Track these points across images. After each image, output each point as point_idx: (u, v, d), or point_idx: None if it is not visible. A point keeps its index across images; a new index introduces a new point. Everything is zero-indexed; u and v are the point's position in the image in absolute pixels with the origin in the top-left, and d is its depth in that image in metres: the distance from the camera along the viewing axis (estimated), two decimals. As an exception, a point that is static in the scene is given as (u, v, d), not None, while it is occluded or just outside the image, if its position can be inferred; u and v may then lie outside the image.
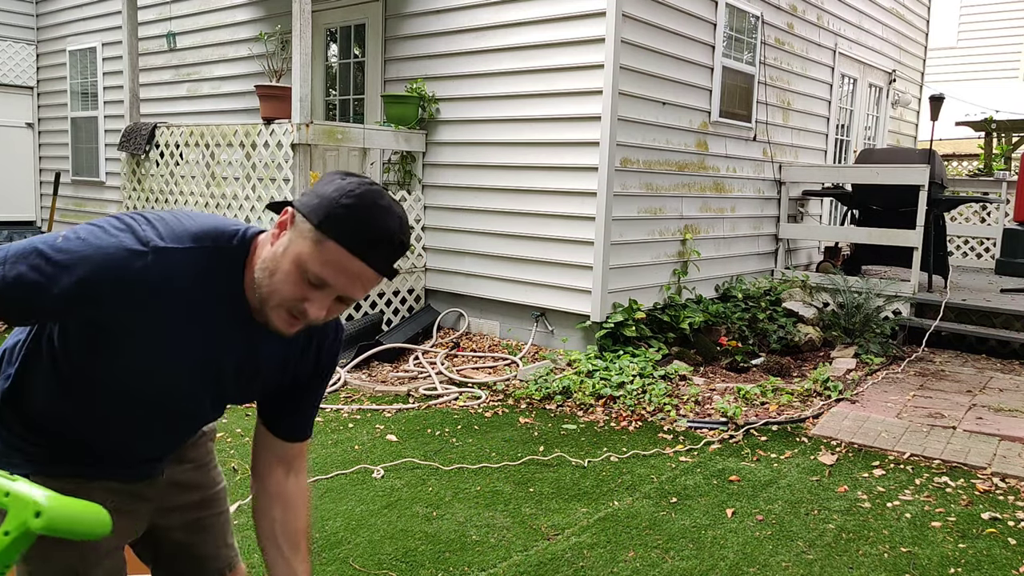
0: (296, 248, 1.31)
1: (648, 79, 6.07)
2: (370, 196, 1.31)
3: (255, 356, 1.48)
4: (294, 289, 1.33)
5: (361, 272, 1.32)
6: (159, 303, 1.32)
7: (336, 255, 1.30)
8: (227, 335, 1.43)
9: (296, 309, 1.35)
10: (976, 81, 15.07)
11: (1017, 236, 8.38)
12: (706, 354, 6.03)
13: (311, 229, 1.30)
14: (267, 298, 1.35)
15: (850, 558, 3.15)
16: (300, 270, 1.31)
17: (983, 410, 5.01)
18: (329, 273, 1.31)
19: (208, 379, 1.46)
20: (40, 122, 11.07)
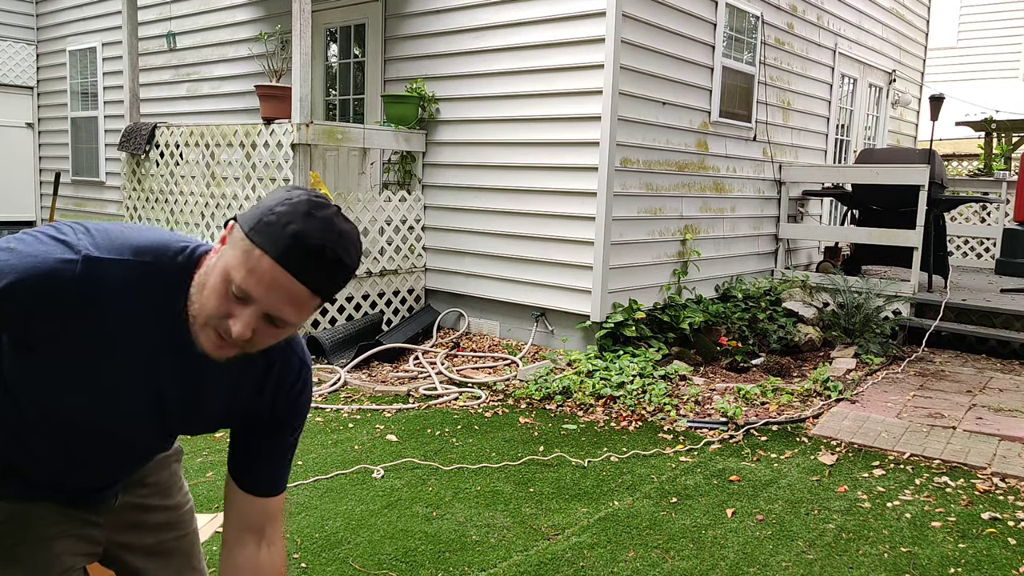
0: (225, 259, 1.20)
1: (648, 79, 6.07)
2: (307, 205, 1.19)
3: (198, 386, 1.35)
4: (219, 304, 1.20)
5: (291, 288, 1.17)
6: (88, 318, 1.21)
7: (261, 264, 1.16)
8: (165, 360, 1.30)
9: (221, 327, 1.20)
10: (976, 81, 15.07)
11: (1017, 236, 8.38)
12: (706, 354, 6.03)
13: (242, 237, 1.19)
14: (196, 315, 1.23)
15: (850, 558, 3.15)
16: (225, 282, 1.19)
17: (983, 410, 5.01)
18: (252, 285, 1.17)
19: (146, 407, 1.33)
20: (40, 122, 11.07)
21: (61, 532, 1.43)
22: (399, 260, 6.70)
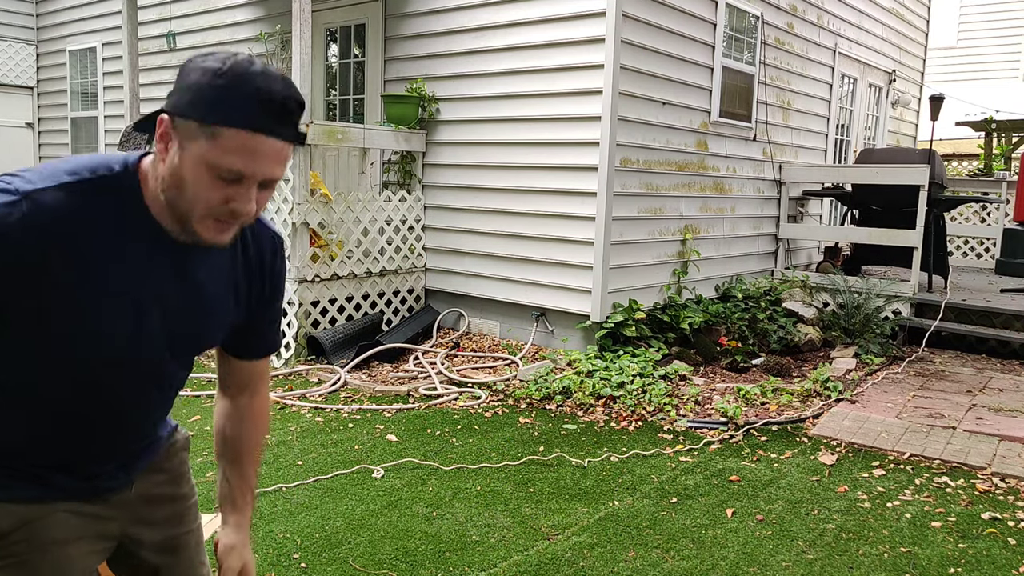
0: (193, 152, 1.18)
1: (648, 79, 6.07)
2: (240, 67, 1.18)
3: (195, 282, 1.35)
4: (212, 193, 1.20)
5: (270, 147, 1.19)
6: (55, 251, 1.18)
7: (237, 140, 1.17)
8: (152, 266, 1.28)
9: (223, 213, 1.22)
10: (976, 81, 15.07)
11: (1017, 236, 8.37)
12: (706, 354, 6.03)
13: (198, 126, 1.17)
14: (188, 214, 1.22)
15: (850, 558, 3.15)
16: (211, 171, 1.18)
17: (983, 410, 5.01)
18: (240, 161, 1.18)
19: (152, 320, 1.31)
20: (40, 122, 11.07)
21: (76, 535, 1.42)
22: (399, 260, 6.70)
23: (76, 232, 1.19)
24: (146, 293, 1.29)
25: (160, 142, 1.22)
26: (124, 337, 1.29)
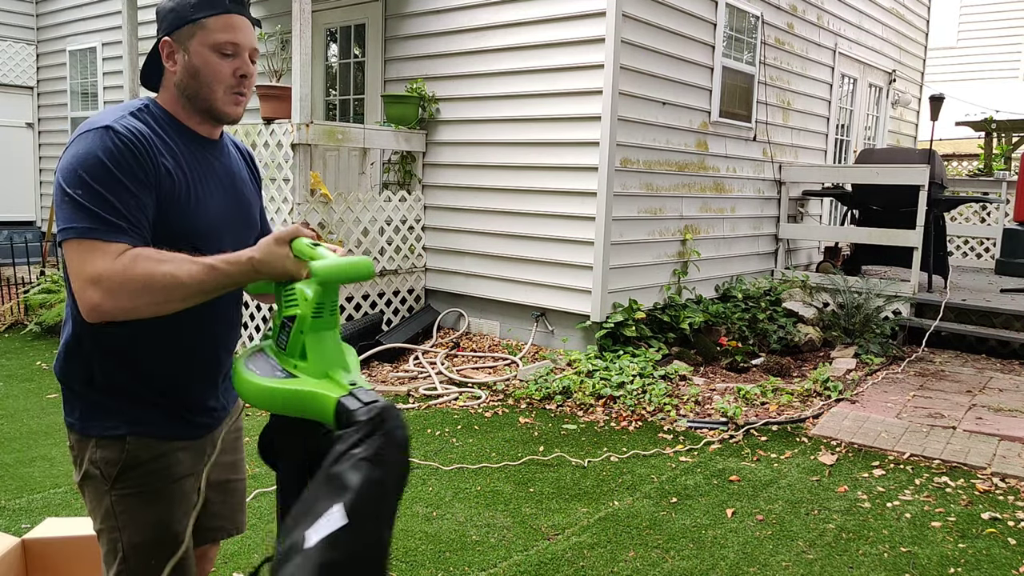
0: (196, 48, 1.59)
1: (648, 79, 6.07)
2: None
3: (231, 164, 1.76)
4: (221, 69, 1.60)
5: (242, 22, 1.62)
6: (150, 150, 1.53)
7: (219, 22, 1.59)
8: (200, 158, 1.65)
9: (234, 83, 1.62)
10: (976, 81, 15.07)
11: (1017, 236, 8.38)
12: (706, 354, 6.03)
13: (190, 27, 1.59)
14: (211, 97, 1.62)
15: (850, 558, 3.15)
16: (214, 52, 1.59)
17: (983, 410, 5.01)
18: (228, 35, 1.59)
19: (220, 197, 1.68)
20: (40, 122, 11.06)
21: (189, 471, 1.69)
22: (399, 260, 6.70)
23: (151, 139, 1.55)
24: (212, 178, 1.67)
25: (168, 60, 1.62)
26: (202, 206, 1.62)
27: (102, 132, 1.49)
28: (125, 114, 1.57)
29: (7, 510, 3.46)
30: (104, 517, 1.62)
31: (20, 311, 7.31)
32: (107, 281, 1.40)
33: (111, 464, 1.61)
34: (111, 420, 1.61)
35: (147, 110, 1.62)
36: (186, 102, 1.63)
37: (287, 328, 1.47)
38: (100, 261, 1.40)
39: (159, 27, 1.63)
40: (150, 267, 1.41)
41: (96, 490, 1.62)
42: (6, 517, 3.38)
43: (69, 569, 2.50)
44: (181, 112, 1.64)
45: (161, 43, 1.62)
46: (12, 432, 4.46)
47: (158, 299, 1.43)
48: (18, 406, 4.94)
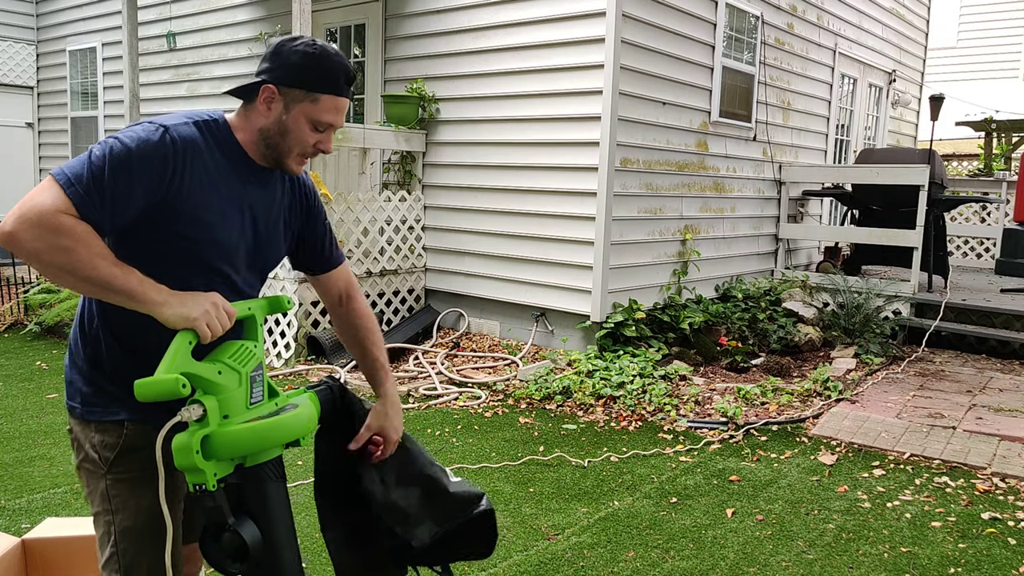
0: (298, 111, 1.67)
1: (648, 79, 6.07)
2: (325, 48, 1.68)
3: (270, 195, 1.79)
4: (307, 139, 1.69)
5: (345, 104, 1.72)
6: (186, 163, 1.59)
7: (332, 103, 1.68)
8: (244, 181, 1.72)
9: (310, 152, 1.72)
10: (976, 81, 15.07)
11: (1017, 236, 8.38)
12: (706, 354, 6.03)
13: (303, 93, 1.66)
14: (285, 153, 1.71)
15: (850, 558, 3.15)
16: (311, 124, 1.68)
17: (983, 410, 5.01)
18: (332, 117, 1.70)
19: (248, 219, 1.73)
20: (40, 122, 11.07)
21: None
22: (399, 260, 6.70)
23: (198, 151, 1.62)
24: (244, 199, 1.71)
25: (264, 104, 1.68)
26: (224, 225, 1.67)
27: (155, 128, 1.58)
28: (189, 121, 1.65)
29: (7, 510, 3.46)
30: (100, 500, 1.69)
31: (20, 311, 7.31)
32: (35, 221, 1.42)
33: (109, 448, 1.67)
34: (112, 405, 1.67)
35: (213, 125, 1.68)
36: (262, 146, 1.71)
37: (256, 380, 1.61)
38: (47, 203, 1.43)
39: (272, 67, 1.67)
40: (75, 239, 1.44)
41: (93, 474, 1.70)
42: (6, 517, 3.38)
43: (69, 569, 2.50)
44: (251, 146, 1.72)
45: (264, 87, 1.66)
46: (12, 432, 4.46)
47: (63, 264, 1.44)
48: (18, 406, 4.94)
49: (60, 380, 5.51)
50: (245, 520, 1.51)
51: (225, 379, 1.52)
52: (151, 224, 1.58)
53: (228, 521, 1.49)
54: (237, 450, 1.50)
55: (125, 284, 1.47)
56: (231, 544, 1.49)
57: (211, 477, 1.47)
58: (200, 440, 1.45)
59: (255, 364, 1.59)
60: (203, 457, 1.45)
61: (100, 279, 1.46)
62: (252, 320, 1.66)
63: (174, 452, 1.46)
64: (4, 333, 6.95)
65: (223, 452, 1.48)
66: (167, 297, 1.50)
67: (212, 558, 1.52)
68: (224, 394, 1.51)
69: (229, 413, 1.52)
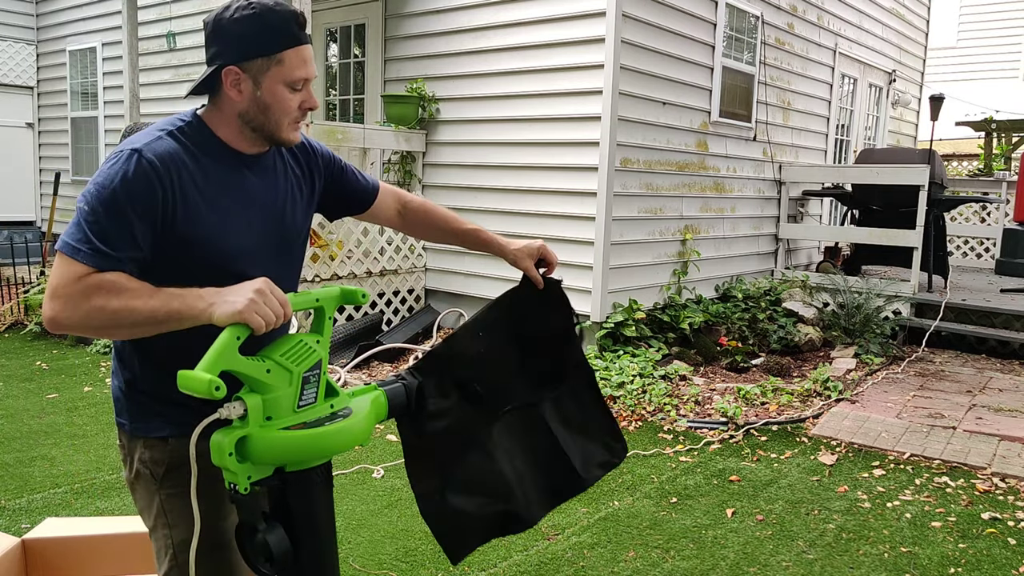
0: (269, 80, 1.56)
1: (648, 79, 6.07)
2: (261, 3, 1.56)
3: (270, 178, 1.72)
4: (290, 104, 1.60)
5: (309, 52, 1.62)
6: (173, 181, 1.52)
7: (296, 56, 1.58)
8: (240, 177, 1.65)
9: (299, 115, 1.63)
10: (976, 81, 15.07)
11: (1017, 236, 8.37)
12: (706, 354, 6.03)
13: (264, 60, 1.55)
14: (276, 127, 1.61)
15: (850, 558, 3.15)
16: (287, 88, 1.58)
17: (983, 410, 5.01)
18: (303, 71, 1.59)
19: (255, 215, 1.66)
20: (40, 122, 11.07)
21: None
22: (399, 260, 6.70)
23: (181, 163, 1.54)
24: (244, 193, 1.64)
25: (232, 89, 1.57)
26: (236, 224, 1.62)
27: (127, 156, 1.51)
28: (162, 134, 1.57)
29: (7, 510, 3.46)
30: (156, 515, 1.68)
31: (20, 311, 7.31)
32: (64, 297, 1.43)
33: (158, 464, 1.66)
34: (155, 421, 1.66)
35: (188, 129, 1.60)
36: (248, 131, 1.62)
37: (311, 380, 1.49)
38: (67, 277, 1.44)
39: (219, 49, 1.56)
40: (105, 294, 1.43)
41: (146, 489, 1.68)
42: (6, 517, 3.38)
43: (69, 569, 2.50)
44: (232, 135, 1.63)
45: (225, 71, 1.56)
46: (12, 432, 4.46)
47: (106, 322, 1.44)
48: (18, 406, 4.94)
49: (60, 380, 5.51)
50: (275, 527, 1.44)
51: (274, 378, 1.42)
52: (165, 249, 1.54)
53: (260, 525, 1.44)
54: (273, 457, 1.43)
55: (168, 310, 1.43)
56: (260, 547, 1.44)
57: (243, 480, 1.40)
58: (235, 441, 1.38)
59: (312, 363, 1.47)
60: (238, 459, 1.39)
61: (144, 319, 1.43)
62: (320, 313, 1.55)
63: (210, 448, 1.39)
64: (4, 333, 6.95)
65: (258, 457, 1.41)
66: (211, 298, 1.43)
67: (245, 554, 1.48)
68: (271, 394, 1.42)
69: (273, 415, 1.42)
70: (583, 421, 1.97)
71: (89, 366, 5.89)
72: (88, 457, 4.09)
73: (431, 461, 1.77)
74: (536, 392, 1.91)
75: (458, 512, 1.78)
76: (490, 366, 1.83)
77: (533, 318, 1.93)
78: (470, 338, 1.82)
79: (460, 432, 1.77)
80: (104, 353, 6.21)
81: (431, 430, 1.73)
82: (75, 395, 5.18)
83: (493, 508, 1.80)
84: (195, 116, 1.63)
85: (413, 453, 1.76)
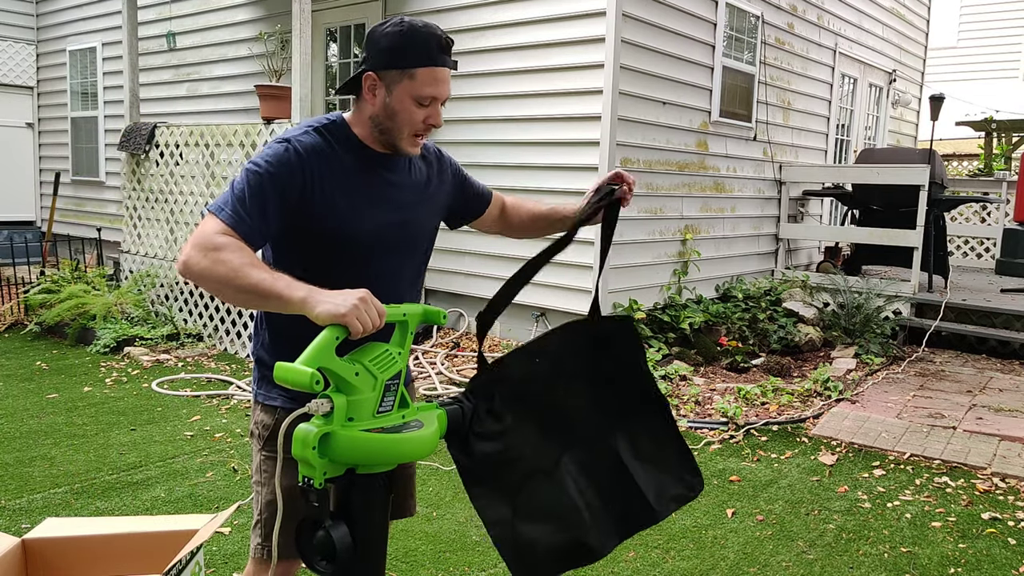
0: (400, 91, 1.72)
1: (648, 79, 6.07)
2: (411, 23, 1.72)
3: (403, 179, 1.87)
4: (415, 117, 1.74)
5: (444, 74, 1.74)
6: (316, 169, 1.71)
7: (429, 75, 1.71)
8: (372, 174, 1.81)
9: (421, 129, 1.76)
10: (976, 81, 15.07)
11: (1017, 236, 8.38)
12: (706, 354, 6.03)
13: (399, 72, 1.71)
14: (398, 135, 1.76)
15: (850, 558, 3.15)
16: (414, 101, 1.72)
17: (983, 410, 5.01)
18: (432, 90, 1.72)
19: (386, 209, 1.82)
20: (40, 122, 11.07)
21: None
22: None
23: (322, 155, 1.73)
24: (378, 190, 1.80)
25: (369, 93, 1.75)
26: (362, 219, 1.77)
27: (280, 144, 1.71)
28: (309, 129, 1.76)
29: (7, 510, 3.46)
30: (256, 470, 1.90)
31: (20, 311, 7.31)
32: (199, 245, 1.59)
33: (265, 427, 1.86)
34: (273, 391, 1.85)
35: (332, 127, 1.78)
36: (376, 132, 1.78)
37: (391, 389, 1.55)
38: (207, 228, 1.62)
39: (367, 56, 1.74)
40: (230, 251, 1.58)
41: (255, 447, 1.91)
42: (6, 517, 3.38)
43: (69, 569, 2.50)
44: (368, 136, 1.80)
45: (365, 76, 1.73)
46: (12, 432, 4.46)
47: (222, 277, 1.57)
48: (18, 406, 4.94)
49: (60, 380, 5.51)
50: (340, 524, 1.48)
51: (361, 381, 1.48)
52: (296, 230, 1.73)
53: (325, 522, 1.47)
54: (352, 456, 1.47)
55: (272, 287, 1.54)
56: (322, 543, 1.47)
57: (320, 475, 1.44)
58: (319, 436, 1.43)
59: (394, 372, 1.55)
60: (318, 454, 1.43)
61: (250, 286, 1.55)
62: (404, 326, 1.64)
63: (293, 440, 1.44)
64: (4, 333, 6.95)
65: (337, 454, 1.45)
66: (315, 295, 1.52)
67: (303, 550, 1.52)
68: (356, 396, 1.48)
69: (355, 416, 1.48)
70: (657, 453, 1.95)
71: (89, 366, 5.89)
72: (88, 457, 4.09)
73: (494, 487, 1.77)
74: (607, 422, 1.90)
75: (530, 541, 1.77)
76: (550, 393, 1.83)
77: (602, 350, 1.93)
78: (526, 363, 1.82)
79: (522, 459, 1.77)
80: (104, 354, 6.21)
81: (480, 451, 1.73)
82: (75, 395, 5.18)
83: (564, 536, 1.80)
84: (340, 117, 1.81)
85: (471, 478, 1.76)
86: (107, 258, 8.80)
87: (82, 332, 6.55)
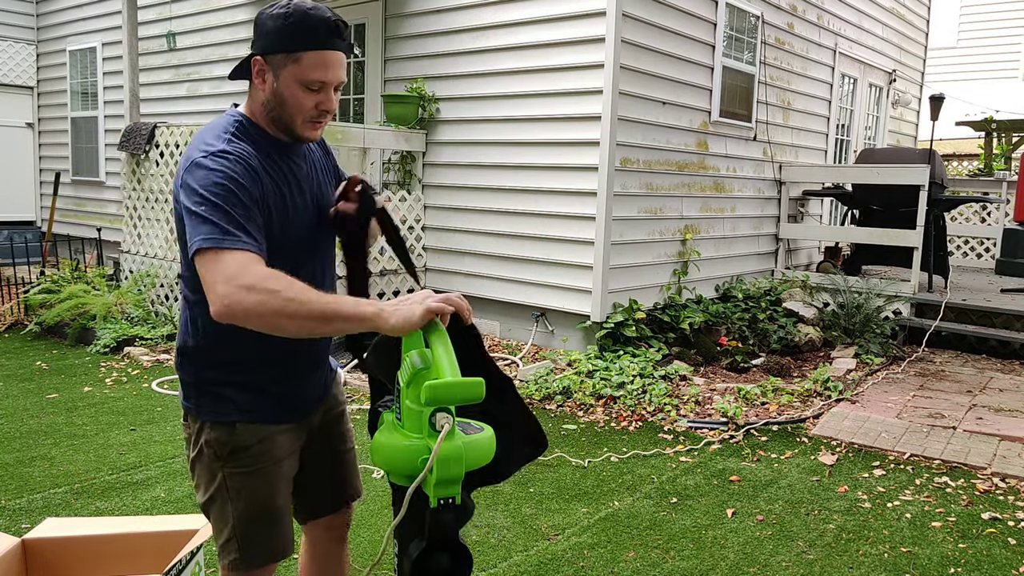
0: (286, 76, 1.66)
1: (648, 79, 6.07)
2: (298, 6, 1.65)
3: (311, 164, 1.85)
4: (305, 102, 1.68)
5: (335, 58, 1.67)
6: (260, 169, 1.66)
7: (316, 59, 1.64)
8: (287, 163, 1.77)
9: (315, 115, 1.71)
10: (976, 81, 15.07)
11: (1017, 236, 8.37)
12: (706, 354, 6.03)
13: (284, 56, 1.64)
14: (292, 121, 1.71)
15: (850, 558, 3.15)
16: (301, 86, 1.66)
17: (983, 410, 5.01)
18: (320, 74, 1.66)
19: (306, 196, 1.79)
20: (40, 122, 11.07)
21: (290, 452, 1.87)
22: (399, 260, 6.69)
23: (256, 157, 1.67)
24: (293, 181, 1.76)
25: (258, 77, 1.69)
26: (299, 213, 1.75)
27: (218, 156, 1.61)
28: (224, 136, 1.67)
29: (7, 510, 3.46)
30: (217, 489, 1.81)
31: (20, 311, 7.31)
32: (237, 281, 1.49)
33: (223, 445, 1.79)
34: (223, 407, 1.78)
35: (240, 127, 1.71)
36: (270, 119, 1.73)
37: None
38: (234, 261, 1.50)
39: (256, 40, 1.69)
40: (277, 279, 1.50)
41: (208, 466, 1.81)
42: (6, 517, 3.38)
43: (69, 569, 2.50)
44: (268, 125, 1.75)
45: (253, 60, 1.69)
46: (12, 432, 4.46)
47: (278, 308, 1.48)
48: (18, 406, 4.94)
49: (60, 380, 5.51)
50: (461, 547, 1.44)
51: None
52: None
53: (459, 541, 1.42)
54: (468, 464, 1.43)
55: (340, 308, 1.51)
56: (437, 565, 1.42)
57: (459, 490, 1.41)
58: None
59: None
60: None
61: (317, 312, 1.49)
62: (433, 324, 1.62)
63: (440, 460, 1.38)
64: (4, 333, 6.95)
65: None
66: (385, 307, 1.52)
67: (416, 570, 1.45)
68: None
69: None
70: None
71: (89, 366, 5.89)
72: (88, 457, 4.09)
73: None
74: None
75: None
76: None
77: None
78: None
79: None
80: (104, 354, 6.21)
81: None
82: (75, 395, 5.18)
83: None
84: (239, 115, 1.74)
85: None
86: (107, 258, 8.80)
87: (82, 332, 6.55)
